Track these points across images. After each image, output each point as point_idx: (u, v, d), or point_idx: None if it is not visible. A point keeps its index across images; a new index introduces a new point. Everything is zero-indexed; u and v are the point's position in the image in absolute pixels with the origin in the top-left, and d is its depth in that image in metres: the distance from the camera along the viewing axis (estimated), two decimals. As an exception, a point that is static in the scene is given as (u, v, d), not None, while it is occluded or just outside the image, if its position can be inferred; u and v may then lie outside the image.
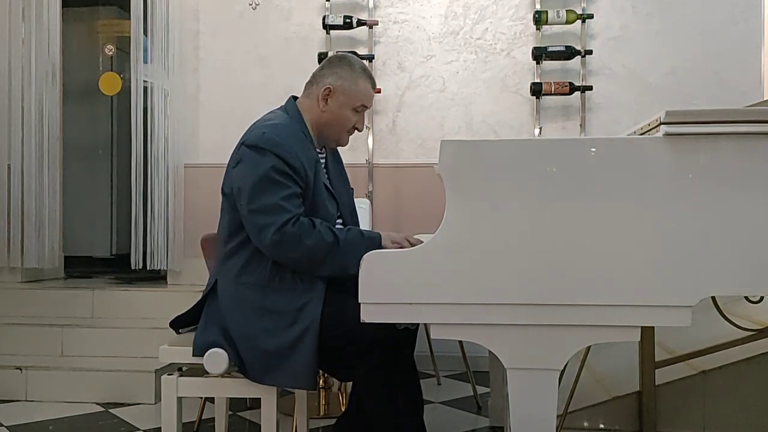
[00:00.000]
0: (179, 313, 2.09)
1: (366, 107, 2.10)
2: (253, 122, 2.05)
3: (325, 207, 2.01)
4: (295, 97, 2.14)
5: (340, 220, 2.12)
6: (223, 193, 2.02)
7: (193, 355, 1.94)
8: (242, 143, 1.96)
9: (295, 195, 1.89)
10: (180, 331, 2.11)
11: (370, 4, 4.00)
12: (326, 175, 2.12)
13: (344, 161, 2.30)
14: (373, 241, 1.86)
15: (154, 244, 3.99)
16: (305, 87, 2.13)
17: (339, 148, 2.22)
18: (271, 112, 2.10)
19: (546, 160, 1.53)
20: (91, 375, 3.28)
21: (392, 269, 1.54)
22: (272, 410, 1.95)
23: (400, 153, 4.01)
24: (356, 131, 2.13)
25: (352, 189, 2.29)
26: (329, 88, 2.04)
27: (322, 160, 2.13)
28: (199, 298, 2.05)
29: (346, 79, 2.05)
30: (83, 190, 5.20)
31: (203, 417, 2.86)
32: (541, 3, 3.87)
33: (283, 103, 2.13)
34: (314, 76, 2.11)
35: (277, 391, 1.96)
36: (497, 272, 1.52)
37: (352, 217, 2.20)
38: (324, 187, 2.03)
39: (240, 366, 1.92)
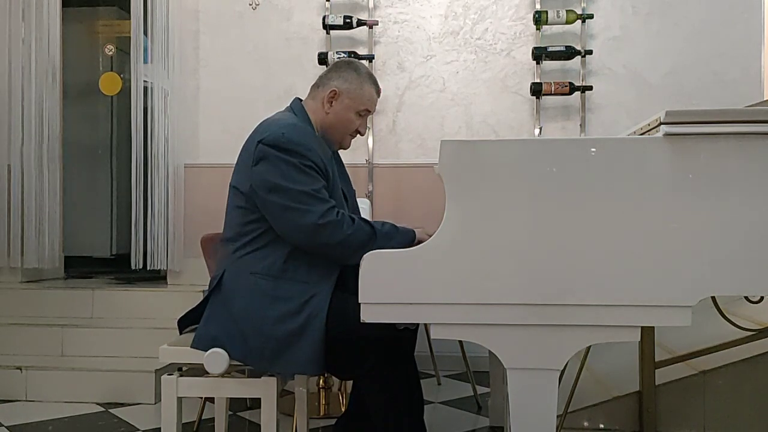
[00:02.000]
0: (185, 311, 2.09)
1: (369, 112, 2.14)
2: (260, 122, 2.05)
3: (343, 204, 2.05)
4: (299, 99, 2.16)
5: None
6: (236, 190, 2.01)
7: (192, 346, 1.94)
8: (260, 141, 1.94)
9: (324, 188, 1.92)
10: (183, 331, 2.11)
11: (370, 4, 4.00)
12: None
13: (344, 161, 2.31)
14: (408, 235, 1.90)
15: (154, 244, 3.99)
16: (311, 89, 2.16)
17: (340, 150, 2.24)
18: (278, 113, 2.12)
19: (546, 160, 1.53)
20: (91, 375, 3.28)
21: (392, 269, 1.55)
22: (272, 410, 1.95)
23: (400, 153, 4.01)
24: (358, 135, 2.16)
25: (354, 190, 2.31)
26: (335, 90, 2.08)
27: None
28: (201, 296, 2.05)
29: (351, 82, 2.09)
30: (83, 190, 5.20)
31: (203, 417, 2.87)
32: (541, 3, 3.88)
33: (289, 104, 2.15)
34: (320, 79, 2.15)
35: (277, 391, 1.96)
36: (497, 272, 1.52)
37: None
38: (340, 187, 2.08)
39: (246, 358, 1.92)
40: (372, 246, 1.81)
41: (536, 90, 3.79)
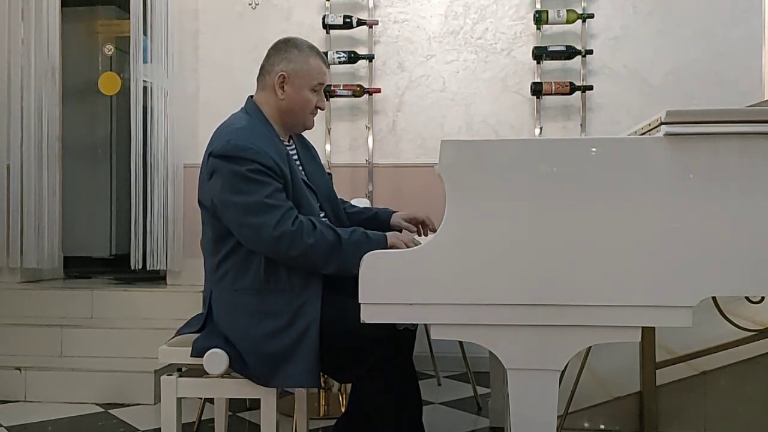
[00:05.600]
0: (184, 312, 2.08)
1: (322, 85, 2.08)
2: (216, 128, 2.03)
3: (308, 201, 1.99)
4: (251, 96, 2.12)
5: (322, 213, 2.10)
6: (202, 205, 2.00)
7: (191, 356, 1.94)
8: (209, 153, 1.94)
9: (278, 190, 1.87)
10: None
11: (370, 4, 3.99)
12: (300, 168, 2.09)
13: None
14: (379, 243, 1.82)
15: (153, 244, 3.98)
16: (257, 81, 2.10)
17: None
18: (232, 116, 2.08)
19: (546, 160, 1.52)
20: (90, 375, 3.28)
21: (392, 269, 1.54)
22: (272, 411, 1.95)
23: (400, 153, 4.01)
24: (319, 111, 2.11)
25: (330, 174, 2.26)
26: (283, 74, 2.02)
27: (293, 153, 2.10)
28: (200, 296, 2.04)
29: (296, 61, 2.03)
30: (83, 190, 5.19)
31: (203, 417, 2.86)
32: (541, 2, 3.87)
33: (243, 105, 2.11)
34: (263, 67, 2.09)
35: (276, 391, 1.96)
36: (497, 272, 1.51)
37: (331, 205, 2.17)
38: (302, 182, 2.01)
39: (243, 372, 1.91)
40: (339, 255, 1.79)
41: (537, 90, 3.79)
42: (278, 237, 1.80)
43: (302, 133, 2.21)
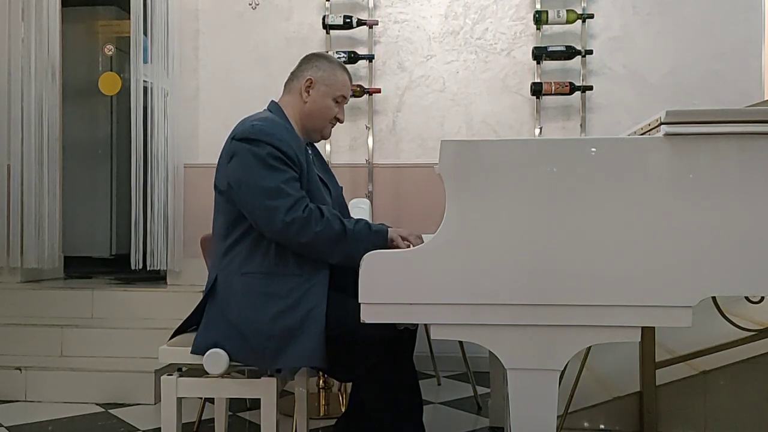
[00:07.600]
0: (184, 311, 2.08)
1: (345, 98, 2.17)
2: (239, 121, 2.07)
3: (321, 194, 2.03)
4: (274, 101, 2.18)
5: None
6: (217, 190, 2.03)
7: (192, 353, 1.93)
8: (232, 138, 1.99)
9: (293, 179, 1.92)
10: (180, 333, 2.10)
11: (370, 4, 3.99)
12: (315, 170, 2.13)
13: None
14: (380, 235, 1.87)
15: (153, 244, 3.99)
16: (285, 86, 2.20)
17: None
18: (255, 113, 2.12)
19: (546, 160, 1.52)
20: (90, 375, 3.28)
21: (392, 269, 1.54)
22: (272, 411, 1.95)
23: (400, 153, 4.01)
24: (338, 122, 2.19)
25: (341, 187, 2.30)
26: (310, 79, 2.11)
27: (310, 154, 2.15)
28: (200, 299, 2.04)
29: (325, 70, 2.13)
30: (83, 190, 5.20)
31: (203, 417, 2.86)
32: (541, 3, 3.87)
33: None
34: (293, 73, 2.19)
35: (276, 391, 1.96)
36: (497, 272, 1.51)
37: (341, 212, 2.19)
38: (317, 176, 2.06)
39: (248, 359, 1.91)
40: (344, 244, 1.85)
41: (536, 90, 3.79)
42: (289, 222, 1.84)
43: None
